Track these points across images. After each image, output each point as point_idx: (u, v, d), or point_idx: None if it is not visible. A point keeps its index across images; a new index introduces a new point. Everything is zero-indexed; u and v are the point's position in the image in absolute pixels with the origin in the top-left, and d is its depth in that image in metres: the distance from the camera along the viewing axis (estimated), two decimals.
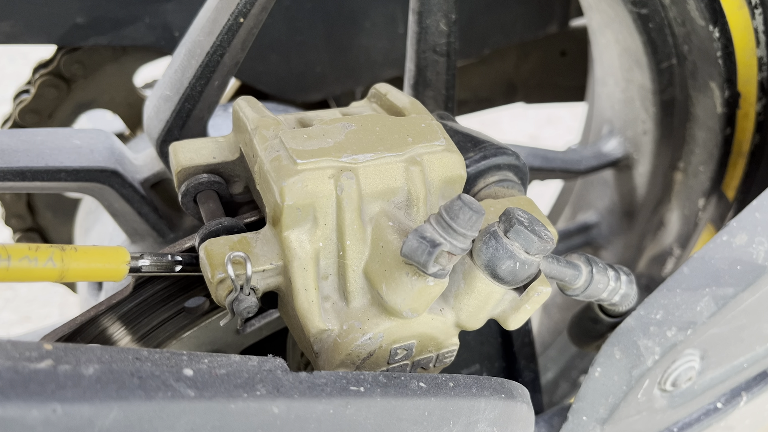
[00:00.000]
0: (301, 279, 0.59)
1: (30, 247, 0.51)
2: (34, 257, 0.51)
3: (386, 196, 0.60)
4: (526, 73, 1.54)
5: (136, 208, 0.87)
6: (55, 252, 0.52)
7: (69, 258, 0.53)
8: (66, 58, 1.16)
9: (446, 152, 0.63)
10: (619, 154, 1.19)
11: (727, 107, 0.99)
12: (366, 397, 0.53)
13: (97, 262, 0.56)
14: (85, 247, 0.55)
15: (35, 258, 0.51)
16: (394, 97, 0.70)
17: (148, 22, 1.11)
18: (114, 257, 0.57)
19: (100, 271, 0.56)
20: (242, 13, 0.75)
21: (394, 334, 0.61)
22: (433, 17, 0.86)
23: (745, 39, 0.91)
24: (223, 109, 1.07)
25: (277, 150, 0.60)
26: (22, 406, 0.39)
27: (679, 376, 0.79)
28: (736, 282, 0.73)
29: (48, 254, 0.52)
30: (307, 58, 1.24)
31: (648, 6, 0.97)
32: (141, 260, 0.61)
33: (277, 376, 0.50)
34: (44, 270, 0.52)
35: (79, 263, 0.54)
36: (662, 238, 1.19)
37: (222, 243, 0.61)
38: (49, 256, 0.52)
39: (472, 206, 0.53)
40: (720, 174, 1.05)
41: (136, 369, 0.45)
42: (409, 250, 0.54)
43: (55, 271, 0.53)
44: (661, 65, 1.03)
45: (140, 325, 0.69)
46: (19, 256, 0.50)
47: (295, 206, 0.57)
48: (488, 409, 0.61)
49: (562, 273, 0.65)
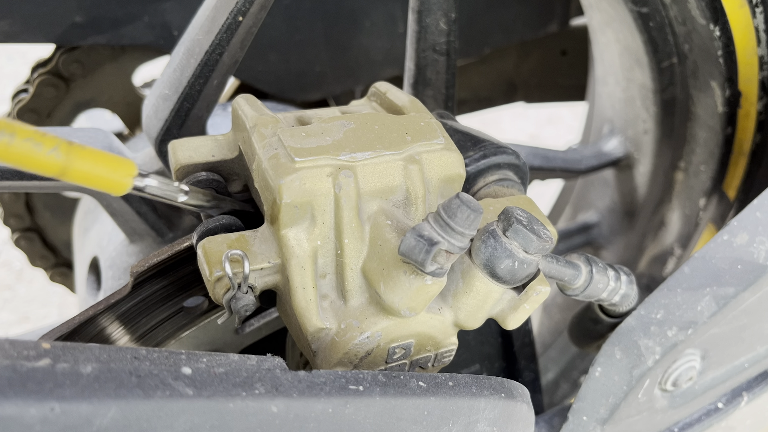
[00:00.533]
0: (299, 277, 0.59)
1: (37, 130, 0.48)
2: (40, 142, 0.48)
3: (384, 195, 0.60)
4: (526, 72, 1.54)
5: (135, 207, 0.87)
6: (62, 144, 0.49)
7: (75, 154, 0.50)
8: (65, 57, 1.16)
9: (445, 151, 0.63)
10: (619, 153, 1.19)
11: (728, 106, 0.99)
12: (365, 396, 0.53)
13: (103, 167, 0.52)
14: (94, 149, 0.52)
15: (40, 143, 0.48)
16: (393, 96, 0.70)
17: (146, 21, 1.11)
18: (121, 167, 0.54)
19: (103, 179, 0.53)
20: (241, 11, 0.75)
21: (392, 333, 0.61)
22: (433, 16, 0.85)
23: (745, 38, 0.90)
24: (222, 108, 1.07)
25: (275, 148, 0.59)
26: (20, 404, 0.39)
27: (680, 376, 0.79)
28: (737, 282, 0.73)
29: (54, 143, 0.49)
30: (307, 57, 1.24)
31: (648, 5, 0.97)
32: (147, 179, 0.57)
33: (276, 375, 0.50)
34: (47, 159, 0.48)
35: (83, 163, 0.51)
36: (663, 238, 1.19)
37: (220, 241, 0.60)
38: (55, 145, 0.49)
39: (471, 205, 0.53)
40: (721, 173, 1.05)
41: (134, 368, 0.45)
42: (407, 248, 0.53)
43: (58, 163, 0.49)
44: (661, 64, 1.03)
45: (139, 324, 0.68)
46: (24, 136, 0.47)
47: (293, 204, 0.57)
48: (488, 408, 0.61)
49: (561, 273, 0.64)
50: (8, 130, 0.46)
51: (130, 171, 0.55)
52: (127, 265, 0.93)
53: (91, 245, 1.06)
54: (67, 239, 1.35)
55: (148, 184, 0.58)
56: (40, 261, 1.39)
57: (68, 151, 0.50)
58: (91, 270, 1.06)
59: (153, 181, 0.58)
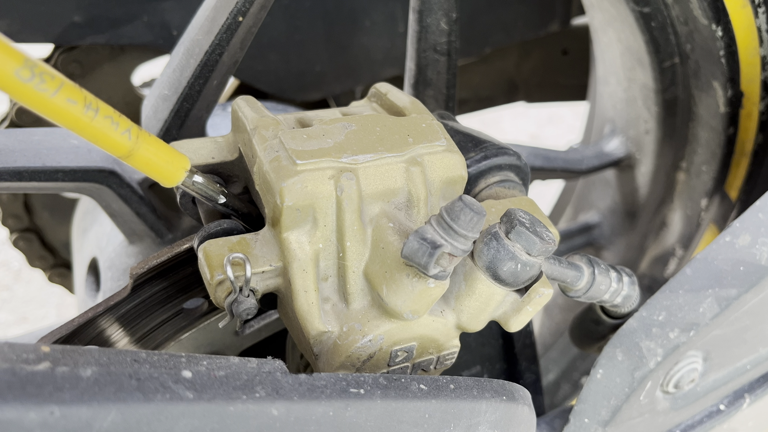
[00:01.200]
0: (301, 280, 0.59)
1: (116, 111, 0.51)
2: (117, 121, 0.50)
3: (386, 197, 0.60)
4: (527, 71, 1.54)
5: (134, 208, 0.87)
6: (134, 128, 0.52)
7: (143, 140, 0.53)
8: (63, 57, 1.15)
9: (447, 152, 0.62)
10: (621, 153, 1.18)
11: (730, 107, 0.98)
12: (366, 399, 0.53)
13: (163, 156, 0.55)
14: (158, 139, 0.55)
15: (117, 122, 0.50)
16: (394, 97, 0.70)
17: (146, 21, 1.10)
18: (177, 160, 0.57)
19: (161, 168, 0.55)
20: (241, 11, 0.75)
21: (395, 336, 0.61)
22: (434, 16, 0.85)
23: (748, 38, 0.90)
24: (221, 108, 1.07)
25: (276, 150, 0.59)
26: (19, 408, 0.39)
27: (682, 377, 0.79)
28: (739, 283, 0.73)
29: (128, 126, 0.51)
30: (307, 57, 1.23)
31: (650, 5, 0.97)
32: (196, 176, 0.60)
33: (276, 378, 0.50)
34: (120, 139, 0.51)
35: (148, 148, 0.53)
36: (664, 239, 1.18)
37: (221, 244, 0.60)
38: (128, 127, 0.51)
39: (473, 207, 0.53)
40: (723, 174, 1.05)
41: (134, 371, 0.45)
42: (410, 251, 0.53)
43: (127, 145, 0.51)
44: (663, 64, 1.02)
45: (138, 326, 0.68)
46: (105, 113, 0.49)
47: (294, 207, 0.57)
48: (489, 411, 0.60)
49: (563, 274, 0.64)
50: (94, 104, 0.49)
51: (184, 164, 0.57)
52: (126, 266, 0.93)
53: (90, 246, 1.06)
54: (66, 240, 1.35)
55: (196, 180, 0.60)
56: (38, 261, 1.38)
57: (138, 135, 0.52)
58: (90, 271, 1.06)
59: (200, 178, 0.60)
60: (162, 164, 0.55)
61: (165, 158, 0.55)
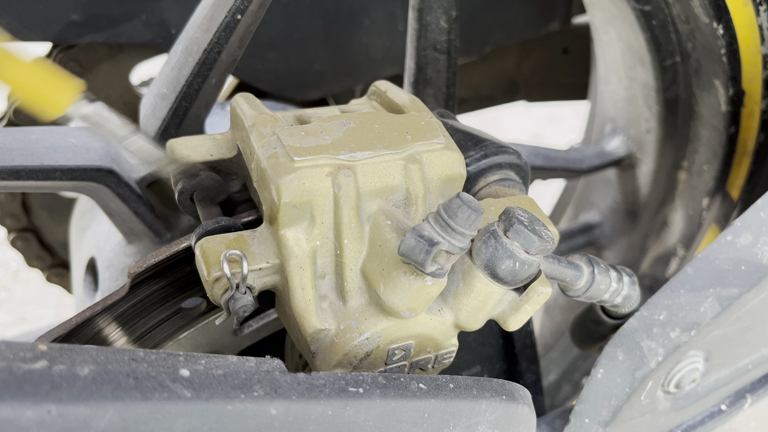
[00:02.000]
0: (298, 278, 0.59)
1: None
2: None
3: (384, 195, 0.60)
4: (527, 70, 1.54)
5: (133, 207, 0.86)
6: None
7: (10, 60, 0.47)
8: (61, 55, 1.15)
9: (446, 150, 0.62)
10: (622, 153, 1.18)
11: (731, 105, 0.98)
12: (365, 398, 0.52)
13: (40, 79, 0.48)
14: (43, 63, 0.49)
15: None
16: (393, 95, 0.70)
17: (144, 20, 1.10)
18: (65, 85, 0.50)
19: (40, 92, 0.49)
20: (240, 10, 0.74)
21: (392, 335, 0.60)
22: (434, 14, 0.85)
23: (749, 36, 0.90)
24: (220, 107, 1.06)
25: (274, 147, 0.59)
26: (16, 407, 0.39)
27: (683, 377, 0.79)
28: (740, 282, 0.73)
29: None
30: (306, 56, 1.23)
31: (651, 3, 0.96)
32: (94, 106, 0.52)
33: (274, 377, 0.50)
34: None
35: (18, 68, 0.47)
36: (666, 238, 1.18)
37: (218, 241, 0.60)
38: None
39: (471, 205, 0.53)
40: (724, 173, 1.05)
41: (132, 370, 0.44)
42: (407, 248, 0.53)
43: None
44: (664, 63, 1.02)
45: (136, 326, 0.68)
46: None
47: (292, 204, 0.57)
48: (489, 411, 0.60)
49: (563, 273, 0.64)
50: None
51: (74, 90, 0.49)
52: (125, 265, 0.93)
53: (88, 246, 1.05)
54: (64, 240, 1.35)
55: (91, 112, 0.51)
56: (36, 261, 1.38)
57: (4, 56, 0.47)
58: (88, 271, 1.06)
59: (102, 110, 0.52)
60: (41, 88, 0.48)
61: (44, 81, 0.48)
